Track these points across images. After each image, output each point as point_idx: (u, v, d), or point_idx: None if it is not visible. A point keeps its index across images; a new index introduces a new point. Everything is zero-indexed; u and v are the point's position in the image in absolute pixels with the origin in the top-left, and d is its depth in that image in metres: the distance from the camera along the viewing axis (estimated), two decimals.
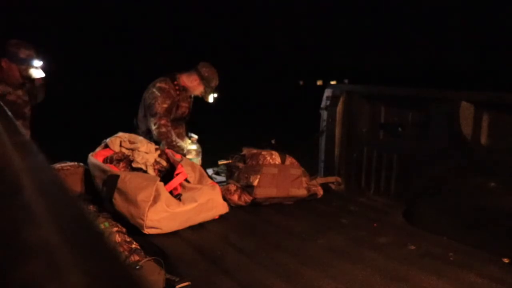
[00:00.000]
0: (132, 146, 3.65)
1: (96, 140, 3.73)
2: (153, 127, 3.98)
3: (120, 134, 3.73)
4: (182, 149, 4.04)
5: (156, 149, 3.76)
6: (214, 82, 4.17)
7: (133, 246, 2.57)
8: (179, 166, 3.51)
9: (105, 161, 3.47)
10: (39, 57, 3.44)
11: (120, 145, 3.64)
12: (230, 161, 4.17)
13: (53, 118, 3.90)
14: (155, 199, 3.05)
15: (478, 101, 3.35)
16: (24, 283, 0.39)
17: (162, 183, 3.21)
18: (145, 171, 3.58)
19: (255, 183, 3.72)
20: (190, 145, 4.21)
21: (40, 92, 3.69)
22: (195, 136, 4.28)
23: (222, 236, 3.16)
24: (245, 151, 4.10)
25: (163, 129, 3.97)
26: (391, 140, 4.02)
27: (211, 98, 4.21)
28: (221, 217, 3.41)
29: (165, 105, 4.00)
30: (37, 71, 3.43)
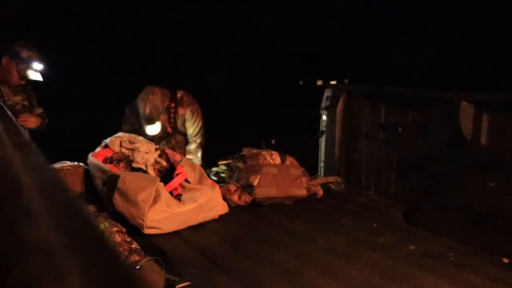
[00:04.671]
0: (132, 146, 3.65)
1: (96, 140, 3.73)
2: None
3: (120, 134, 3.73)
4: None
5: (156, 149, 3.76)
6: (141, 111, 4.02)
7: (133, 246, 2.57)
8: (179, 166, 3.51)
9: (105, 161, 3.47)
10: (40, 61, 3.46)
11: (120, 145, 3.64)
12: (230, 161, 4.17)
13: (53, 118, 3.90)
14: (155, 199, 3.05)
15: (478, 101, 3.35)
16: (24, 282, 0.39)
17: (162, 184, 3.22)
18: (145, 171, 3.58)
19: (255, 183, 3.72)
20: (190, 145, 4.22)
21: (41, 119, 3.62)
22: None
23: (222, 236, 3.16)
24: (245, 151, 4.10)
25: None
26: (391, 140, 4.02)
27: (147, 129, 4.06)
28: (221, 217, 3.41)
29: None
30: (35, 73, 3.44)
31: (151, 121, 4.01)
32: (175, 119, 4.19)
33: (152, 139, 4.15)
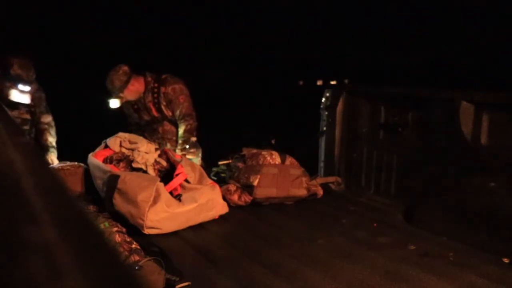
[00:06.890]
0: (132, 146, 3.66)
1: (96, 140, 3.73)
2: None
3: (120, 134, 3.73)
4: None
5: (156, 149, 3.76)
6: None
7: (133, 246, 2.57)
8: (179, 166, 3.52)
9: (105, 161, 3.47)
10: (28, 83, 3.14)
11: (120, 145, 3.65)
12: (230, 161, 4.17)
13: (53, 118, 3.91)
14: (155, 200, 3.05)
15: (478, 101, 3.35)
16: (23, 282, 0.39)
17: (162, 184, 3.22)
18: (145, 171, 3.58)
19: (255, 183, 3.72)
20: (179, 130, 4.27)
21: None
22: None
23: (222, 236, 3.16)
24: (245, 151, 4.10)
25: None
26: (391, 140, 4.02)
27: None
28: (221, 217, 3.41)
29: None
30: (20, 95, 3.14)
31: (108, 94, 4.13)
32: (159, 100, 4.21)
33: (139, 125, 4.26)
